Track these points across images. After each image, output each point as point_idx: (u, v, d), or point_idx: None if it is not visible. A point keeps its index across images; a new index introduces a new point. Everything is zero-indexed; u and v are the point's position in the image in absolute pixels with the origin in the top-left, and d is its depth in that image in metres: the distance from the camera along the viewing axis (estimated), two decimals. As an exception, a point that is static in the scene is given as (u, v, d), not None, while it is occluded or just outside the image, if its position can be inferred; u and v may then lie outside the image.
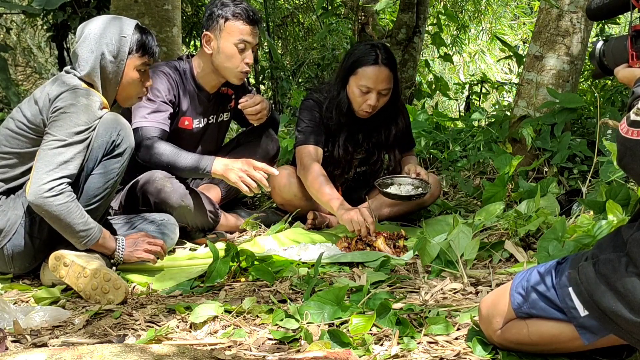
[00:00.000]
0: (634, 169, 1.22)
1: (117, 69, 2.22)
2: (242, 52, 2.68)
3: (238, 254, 2.15)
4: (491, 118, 4.41)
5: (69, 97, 2.08)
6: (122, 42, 2.20)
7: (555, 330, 1.33)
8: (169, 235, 2.43)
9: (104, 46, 2.18)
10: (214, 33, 2.68)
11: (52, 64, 8.73)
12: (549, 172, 3.24)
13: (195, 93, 2.78)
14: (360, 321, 1.60)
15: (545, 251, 2.03)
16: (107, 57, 2.19)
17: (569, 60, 3.39)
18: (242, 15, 2.65)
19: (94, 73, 2.19)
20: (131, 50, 2.23)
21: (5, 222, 2.10)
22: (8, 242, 2.11)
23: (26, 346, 1.62)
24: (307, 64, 7.55)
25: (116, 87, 2.24)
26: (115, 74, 2.22)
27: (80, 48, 2.19)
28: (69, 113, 2.06)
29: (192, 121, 2.79)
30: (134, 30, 2.24)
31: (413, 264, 2.26)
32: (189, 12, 7.04)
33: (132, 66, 2.24)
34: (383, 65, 2.67)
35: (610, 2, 1.52)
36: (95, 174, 2.14)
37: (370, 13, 5.68)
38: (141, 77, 2.28)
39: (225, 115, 2.97)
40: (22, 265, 2.18)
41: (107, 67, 2.20)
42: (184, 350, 1.40)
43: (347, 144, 2.86)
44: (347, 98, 2.74)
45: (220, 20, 2.65)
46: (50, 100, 2.09)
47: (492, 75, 9.45)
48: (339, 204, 2.56)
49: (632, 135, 1.20)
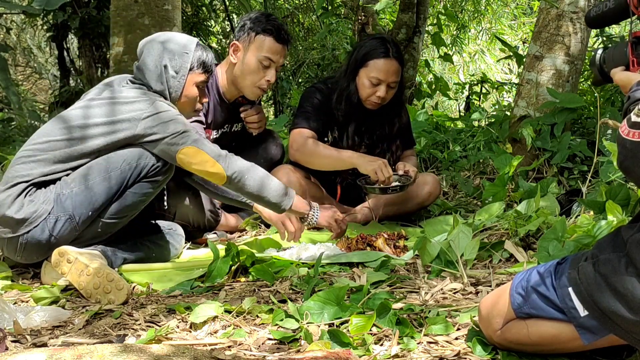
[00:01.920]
0: (635, 172, 1.21)
1: (178, 84, 2.28)
2: (266, 69, 2.69)
3: (238, 254, 2.15)
4: (491, 118, 4.41)
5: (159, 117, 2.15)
6: (185, 59, 2.27)
7: (555, 331, 1.33)
8: (173, 245, 2.44)
9: (166, 60, 2.26)
10: (243, 44, 2.70)
11: (52, 64, 8.73)
12: (549, 172, 3.24)
13: (217, 103, 2.79)
14: (360, 321, 1.60)
15: (545, 251, 2.04)
16: (170, 72, 2.26)
17: (569, 60, 3.39)
18: (273, 32, 2.68)
19: (161, 87, 2.26)
20: (192, 67, 2.29)
21: (31, 213, 2.10)
22: (27, 232, 2.11)
23: (26, 346, 1.62)
24: (307, 64, 7.56)
25: (175, 102, 2.30)
26: (176, 89, 2.28)
27: (144, 64, 2.27)
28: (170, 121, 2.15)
29: (211, 132, 2.80)
30: (196, 47, 2.31)
31: (413, 264, 2.26)
32: (189, 12, 7.04)
33: (192, 82, 2.31)
34: (394, 59, 2.73)
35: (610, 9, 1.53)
36: (128, 192, 2.17)
37: (370, 13, 5.67)
38: (199, 93, 2.35)
39: (239, 125, 2.96)
40: (29, 257, 2.18)
41: (169, 82, 2.27)
42: (184, 350, 1.40)
43: (355, 135, 2.88)
44: (356, 90, 2.77)
45: (251, 33, 2.69)
46: (143, 119, 2.14)
47: (492, 75, 9.45)
48: (359, 157, 2.65)
49: (633, 137, 1.20)
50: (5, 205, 2.10)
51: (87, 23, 5.67)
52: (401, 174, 2.76)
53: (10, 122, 5.15)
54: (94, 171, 2.14)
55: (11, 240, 2.13)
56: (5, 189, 2.13)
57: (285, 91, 7.04)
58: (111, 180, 2.13)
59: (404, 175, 2.75)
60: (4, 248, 2.19)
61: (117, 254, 2.21)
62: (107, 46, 5.63)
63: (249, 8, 5.84)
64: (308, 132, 2.78)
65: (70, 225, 2.12)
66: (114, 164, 2.14)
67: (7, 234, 2.12)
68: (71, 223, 2.12)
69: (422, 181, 2.92)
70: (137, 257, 2.28)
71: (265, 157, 2.97)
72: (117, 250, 2.22)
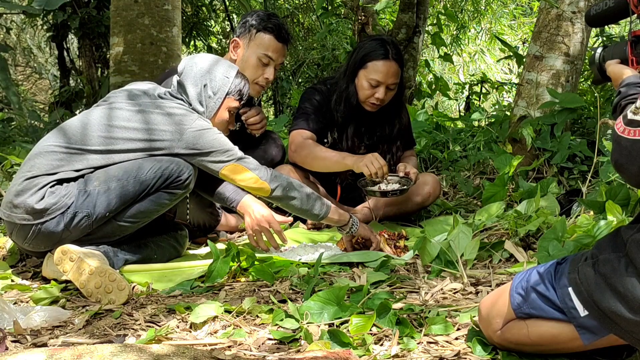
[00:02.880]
0: (629, 169, 1.21)
1: (214, 105, 2.34)
2: (265, 66, 2.71)
3: (238, 254, 2.15)
4: (491, 118, 4.41)
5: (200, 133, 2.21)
6: (224, 82, 2.33)
7: (555, 331, 1.33)
8: (176, 248, 2.44)
9: (207, 80, 2.31)
10: (243, 41, 2.72)
11: (52, 64, 8.74)
12: (549, 172, 3.24)
13: None
14: (360, 321, 1.60)
15: (545, 251, 2.04)
16: (208, 91, 2.31)
17: (569, 60, 3.39)
18: (274, 30, 2.69)
19: (198, 105, 2.32)
20: (230, 92, 2.35)
21: (52, 204, 2.11)
22: (43, 223, 2.12)
23: (26, 346, 1.62)
24: (307, 64, 7.56)
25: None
26: (210, 110, 2.34)
27: (186, 81, 2.33)
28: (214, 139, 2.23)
29: None
30: (236, 74, 2.37)
31: (413, 264, 2.26)
32: (189, 12, 7.05)
33: (226, 106, 2.37)
34: (393, 60, 2.72)
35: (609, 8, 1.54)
36: (147, 199, 2.19)
37: (370, 13, 5.67)
38: (229, 119, 2.40)
39: (237, 125, 2.95)
40: (37, 246, 2.18)
41: (205, 101, 2.32)
42: (184, 350, 1.40)
43: (354, 136, 2.87)
44: (355, 91, 2.77)
45: (252, 30, 2.71)
46: (188, 133, 2.20)
47: (492, 75, 9.45)
48: (352, 157, 2.64)
49: (629, 134, 1.20)
50: (27, 192, 2.11)
51: (87, 23, 5.67)
52: (401, 175, 2.76)
53: (10, 122, 5.15)
54: (122, 173, 2.15)
55: (24, 227, 2.13)
56: (30, 177, 2.13)
57: (285, 91, 7.04)
58: (137, 185, 2.15)
59: (404, 177, 2.75)
60: (14, 232, 2.18)
61: (118, 255, 2.21)
62: (107, 46, 5.64)
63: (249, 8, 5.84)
64: (307, 134, 2.78)
65: (87, 222, 2.13)
66: (144, 169, 2.16)
67: (22, 220, 2.13)
68: (88, 220, 2.13)
69: (422, 181, 2.92)
70: (138, 259, 2.28)
71: (266, 158, 2.96)
72: (119, 251, 2.23)
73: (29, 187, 2.11)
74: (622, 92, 1.35)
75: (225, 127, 2.40)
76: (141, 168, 2.16)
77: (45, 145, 2.21)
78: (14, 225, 2.15)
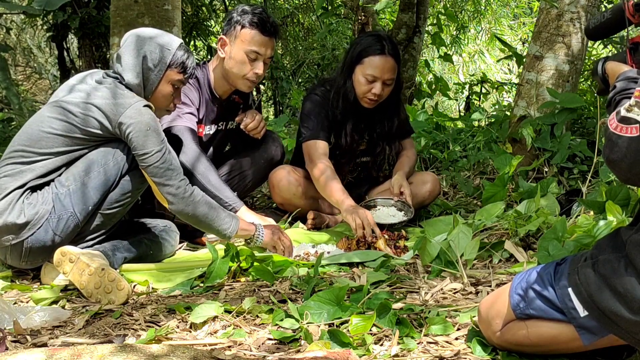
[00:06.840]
0: (620, 166, 1.21)
1: (155, 78, 2.27)
2: (253, 61, 2.68)
3: (238, 254, 2.15)
4: (491, 118, 4.41)
5: (137, 115, 2.14)
6: (165, 54, 2.27)
7: (554, 331, 1.33)
8: (169, 242, 2.44)
9: (147, 52, 2.25)
10: (230, 38, 2.69)
11: (52, 64, 8.73)
12: (549, 172, 3.24)
13: (209, 100, 2.78)
14: (360, 321, 1.60)
15: (545, 251, 2.04)
16: (148, 63, 2.25)
17: (569, 60, 3.39)
18: (258, 25, 2.65)
19: (137, 78, 2.24)
20: (172, 64, 2.29)
21: (33, 215, 2.11)
22: (31, 235, 2.12)
23: (26, 346, 1.62)
24: (307, 64, 7.56)
25: (148, 95, 2.29)
26: (151, 82, 2.28)
27: (124, 53, 2.26)
28: (149, 130, 2.14)
29: (204, 128, 2.80)
30: (179, 46, 2.31)
31: (413, 264, 2.26)
32: (189, 12, 7.04)
33: (168, 79, 2.30)
34: (389, 56, 2.70)
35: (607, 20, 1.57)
36: (124, 180, 2.20)
37: (370, 13, 5.68)
38: (173, 93, 2.34)
39: (233, 124, 2.95)
40: (34, 260, 2.18)
41: (145, 73, 2.26)
42: (184, 350, 1.40)
43: (353, 133, 2.87)
44: (352, 87, 2.76)
45: (237, 26, 2.66)
46: (116, 115, 2.12)
47: (492, 75, 9.45)
48: (348, 204, 2.57)
49: (622, 131, 1.20)
50: (5, 212, 2.10)
51: (87, 23, 5.67)
52: (396, 199, 2.75)
53: (10, 122, 5.14)
54: (88, 166, 2.15)
55: (15, 247, 2.13)
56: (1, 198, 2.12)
57: (285, 91, 7.03)
58: (107, 172, 2.16)
59: (399, 200, 2.74)
60: (7, 256, 2.18)
61: (117, 254, 2.22)
62: (107, 46, 5.64)
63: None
64: (322, 146, 2.76)
65: (73, 222, 2.14)
66: (108, 156, 2.16)
67: (10, 240, 2.12)
68: (74, 220, 2.14)
69: (422, 180, 2.92)
70: (136, 255, 2.29)
71: (266, 158, 2.96)
72: (117, 249, 2.23)
73: (5, 207, 2.10)
74: (617, 86, 1.35)
75: (169, 102, 2.35)
76: (107, 155, 2.16)
77: (3, 159, 2.20)
78: (6, 249, 2.15)
